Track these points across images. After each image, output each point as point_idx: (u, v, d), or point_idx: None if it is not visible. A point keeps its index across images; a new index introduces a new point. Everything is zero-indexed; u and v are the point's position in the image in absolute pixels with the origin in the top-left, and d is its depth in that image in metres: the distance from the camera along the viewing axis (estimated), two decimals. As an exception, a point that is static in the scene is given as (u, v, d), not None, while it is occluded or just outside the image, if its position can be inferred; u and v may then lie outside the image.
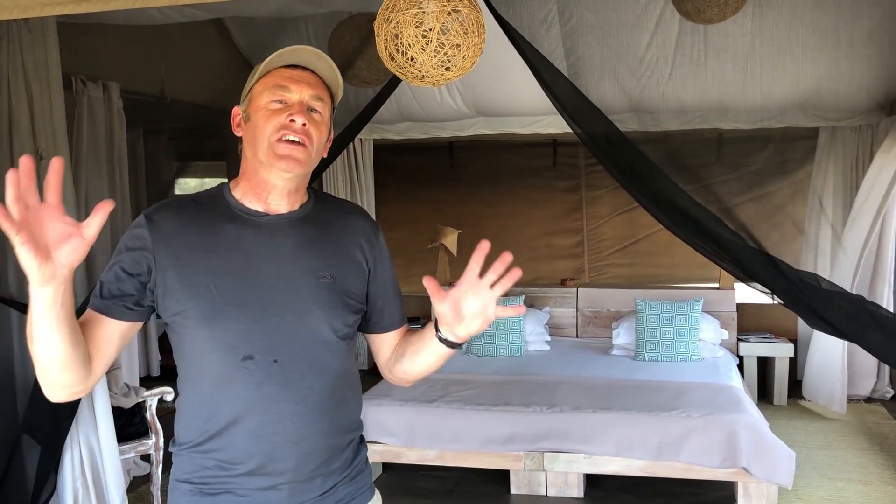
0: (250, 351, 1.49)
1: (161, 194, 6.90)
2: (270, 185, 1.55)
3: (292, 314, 1.53)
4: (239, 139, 1.60)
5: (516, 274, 1.47)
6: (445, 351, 1.58)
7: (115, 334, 1.50)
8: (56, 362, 1.37)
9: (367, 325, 1.70)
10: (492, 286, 1.48)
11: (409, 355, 1.66)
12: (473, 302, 1.49)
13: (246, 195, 1.57)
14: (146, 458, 4.10)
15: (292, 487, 1.53)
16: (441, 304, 1.49)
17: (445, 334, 1.53)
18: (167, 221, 1.52)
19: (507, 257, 1.47)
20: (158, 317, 1.55)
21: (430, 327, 1.58)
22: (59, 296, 1.29)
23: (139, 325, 1.55)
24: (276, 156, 1.50)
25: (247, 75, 1.63)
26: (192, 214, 1.55)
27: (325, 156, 1.62)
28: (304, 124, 1.51)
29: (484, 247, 1.47)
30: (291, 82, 1.53)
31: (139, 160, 6.28)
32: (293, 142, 1.50)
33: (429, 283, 1.46)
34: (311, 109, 1.54)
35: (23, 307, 3.29)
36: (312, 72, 1.57)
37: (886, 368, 5.85)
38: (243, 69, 5.58)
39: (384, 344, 1.73)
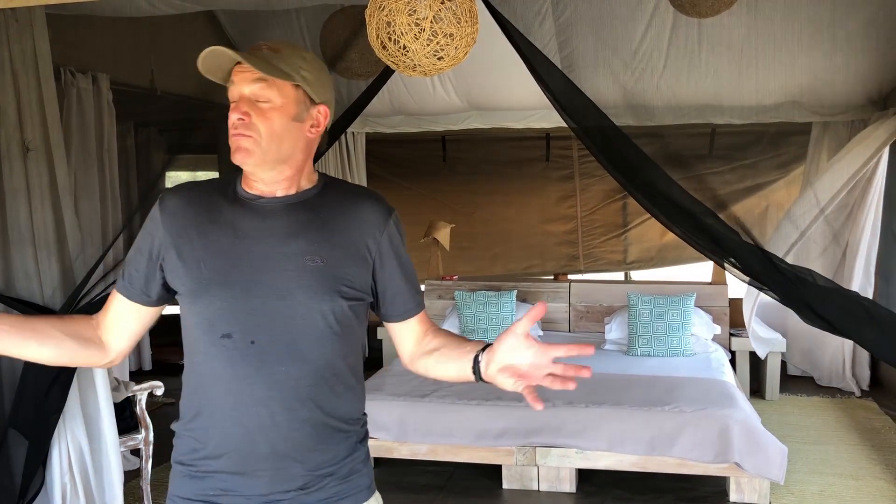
0: (229, 329, 1.52)
1: (151, 187, 6.85)
2: (248, 173, 1.60)
3: (275, 296, 1.53)
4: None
5: (582, 374, 1.47)
6: (468, 375, 1.56)
7: (133, 315, 1.63)
8: (47, 361, 1.60)
9: (382, 315, 1.68)
10: (549, 375, 1.46)
11: (439, 358, 1.64)
12: (528, 365, 1.47)
13: (245, 181, 1.62)
14: (136, 452, 4.07)
15: (270, 476, 1.53)
16: (507, 339, 1.47)
17: (482, 361, 1.52)
18: (175, 201, 1.61)
19: (584, 372, 1.48)
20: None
21: (473, 347, 1.56)
22: None
23: (158, 309, 1.66)
24: (232, 151, 1.55)
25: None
26: (199, 196, 1.62)
27: (311, 134, 1.59)
28: (240, 118, 1.53)
29: (540, 309, 1.47)
30: (235, 75, 1.57)
31: (129, 152, 6.23)
32: (238, 134, 1.54)
33: (539, 311, 1.45)
34: (258, 100, 1.54)
35: (9, 300, 3.25)
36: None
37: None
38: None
39: (404, 332, 1.70)
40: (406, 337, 1.70)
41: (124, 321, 1.64)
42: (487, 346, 1.53)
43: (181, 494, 1.59)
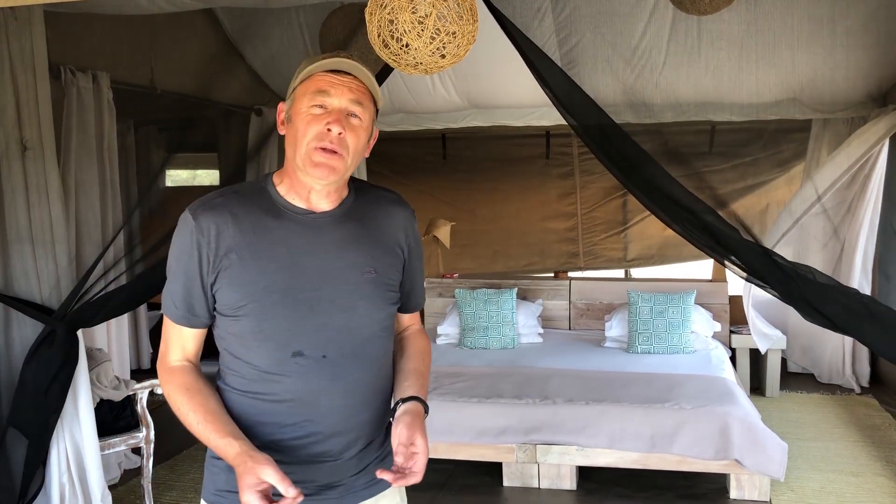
0: (300, 347, 1.56)
1: (151, 185, 6.85)
2: (309, 187, 1.60)
3: (339, 310, 1.58)
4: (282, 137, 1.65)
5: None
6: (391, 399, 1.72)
7: (200, 334, 1.64)
8: None
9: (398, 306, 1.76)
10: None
11: (395, 368, 1.76)
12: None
13: (289, 192, 1.62)
14: (137, 451, 4.08)
15: (332, 467, 1.61)
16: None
17: (399, 409, 1.63)
18: (213, 220, 1.56)
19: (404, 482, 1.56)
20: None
21: (408, 389, 1.68)
22: None
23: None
24: (312, 163, 1.54)
25: (237, 65, 1.64)
26: (237, 212, 1.58)
27: (367, 156, 1.66)
28: (340, 133, 1.54)
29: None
30: (332, 87, 1.56)
31: (129, 151, 6.23)
32: (328, 150, 1.53)
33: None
34: (350, 115, 1.57)
35: (8, 299, 3.25)
36: (354, 77, 1.60)
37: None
38: (233, 59, 5.53)
39: (397, 321, 1.80)
40: (396, 324, 1.80)
41: (198, 341, 1.65)
42: (412, 398, 1.65)
43: (234, 489, 1.55)
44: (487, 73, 5.46)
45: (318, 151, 1.53)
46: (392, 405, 1.69)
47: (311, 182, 1.58)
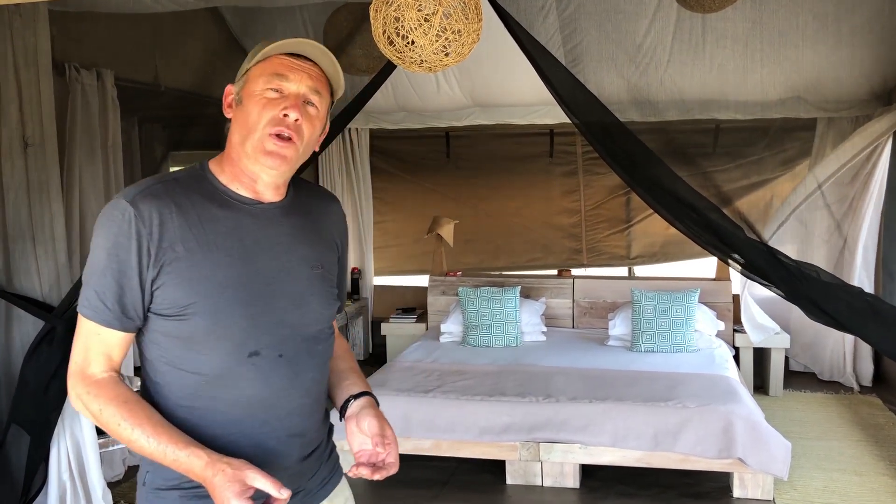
0: (256, 346, 1.45)
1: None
2: (256, 177, 1.49)
3: (293, 306, 1.50)
4: (228, 119, 1.53)
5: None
6: (335, 403, 1.67)
7: (126, 341, 1.45)
8: None
9: None
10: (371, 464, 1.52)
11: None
12: (368, 445, 1.55)
13: (233, 181, 1.50)
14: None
15: (290, 476, 1.51)
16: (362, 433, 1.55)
17: (352, 405, 1.60)
18: (158, 209, 1.40)
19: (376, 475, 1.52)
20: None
21: (353, 386, 1.64)
22: None
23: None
24: (263, 151, 1.44)
25: (242, 63, 1.59)
26: (181, 201, 1.44)
27: (316, 150, 1.57)
28: (297, 120, 1.45)
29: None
30: (291, 71, 1.47)
31: (133, 148, 6.24)
32: (283, 137, 1.44)
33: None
34: (307, 102, 1.48)
35: (9, 296, 3.26)
36: (315, 63, 1.50)
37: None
38: (239, 57, 5.52)
39: None
40: None
41: (123, 350, 1.46)
42: (362, 394, 1.62)
43: None
44: (491, 71, 5.46)
45: (271, 138, 1.43)
46: (340, 404, 1.61)
47: (259, 171, 1.47)
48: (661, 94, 5.37)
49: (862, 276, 5.68)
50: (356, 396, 1.60)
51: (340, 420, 1.62)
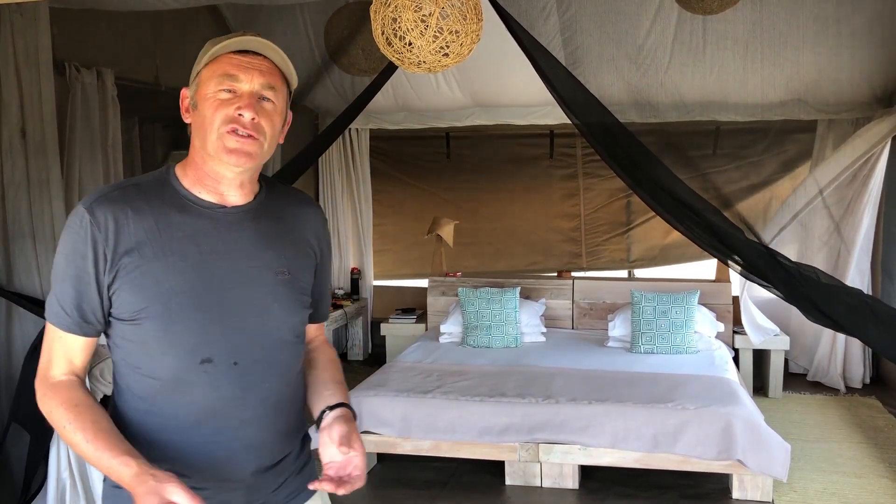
0: (209, 353, 1.42)
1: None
2: (220, 176, 1.47)
3: (252, 314, 1.46)
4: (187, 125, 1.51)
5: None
6: (312, 411, 1.60)
7: (89, 347, 1.47)
8: None
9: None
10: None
11: (308, 380, 1.64)
12: (338, 456, 1.48)
13: (195, 185, 1.48)
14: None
15: (248, 488, 1.50)
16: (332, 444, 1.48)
17: (326, 417, 1.53)
18: (111, 214, 1.40)
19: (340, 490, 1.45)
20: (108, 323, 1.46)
21: (332, 396, 1.58)
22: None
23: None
24: (225, 149, 1.42)
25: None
26: (139, 206, 1.43)
27: (280, 142, 1.53)
28: (253, 118, 1.42)
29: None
30: (241, 70, 1.43)
31: (134, 147, 6.24)
32: (240, 135, 1.41)
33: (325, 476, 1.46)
34: (262, 98, 1.45)
35: (9, 294, 3.26)
36: (265, 58, 1.47)
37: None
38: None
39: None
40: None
41: (86, 355, 1.48)
42: (338, 405, 1.55)
43: None
44: (492, 72, 5.46)
45: (230, 135, 1.40)
46: (317, 415, 1.56)
47: (224, 170, 1.44)
48: (662, 96, 5.38)
49: (861, 277, 5.68)
50: (332, 408, 1.54)
51: (316, 430, 1.57)
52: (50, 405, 1.41)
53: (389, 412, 4.22)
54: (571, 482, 4.12)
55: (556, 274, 6.55)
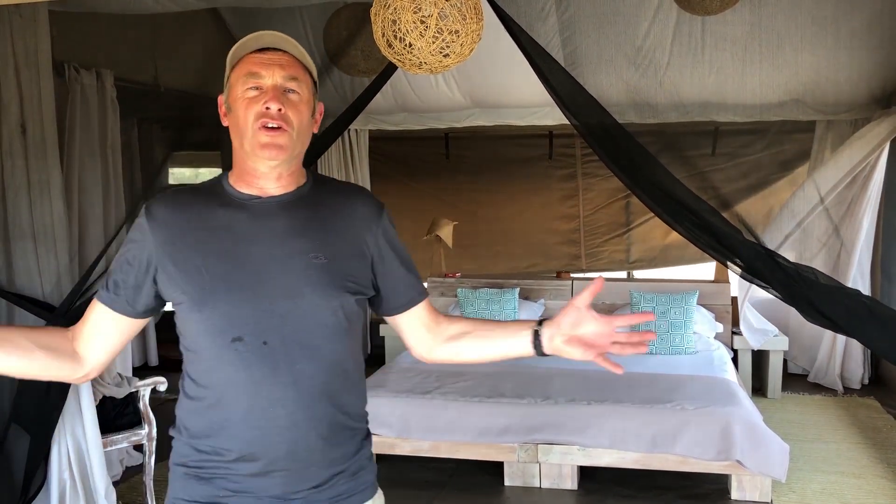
0: (239, 333, 1.49)
1: (154, 182, 6.86)
2: (258, 172, 1.56)
3: (283, 296, 1.51)
4: (226, 128, 1.60)
5: (647, 338, 1.59)
6: (521, 350, 1.65)
7: (115, 327, 1.58)
8: (15, 373, 1.53)
9: (387, 307, 1.68)
10: (616, 343, 1.57)
11: (474, 340, 1.67)
12: (593, 334, 1.57)
13: (239, 182, 1.59)
14: (139, 448, 4.08)
15: (286, 476, 1.51)
16: (570, 313, 1.55)
17: (543, 335, 1.60)
18: (163, 209, 1.56)
19: (649, 336, 1.59)
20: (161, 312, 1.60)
21: (523, 324, 1.63)
22: None
23: (141, 322, 1.61)
24: (259, 145, 1.50)
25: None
26: (188, 202, 1.58)
27: (315, 131, 1.62)
28: (279, 109, 1.50)
29: (599, 284, 1.54)
30: (262, 67, 1.52)
31: (133, 148, 6.24)
32: (273, 128, 1.50)
33: (597, 285, 1.53)
34: (287, 91, 1.53)
35: (10, 296, 3.26)
36: (285, 52, 1.55)
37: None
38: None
39: (413, 322, 1.70)
40: (416, 326, 1.70)
41: (105, 333, 1.58)
42: (542, 321, 1.61)
43: (185, 497, 1.54)
44: (491, 72, 5.46)
45: (262, 131, 1.50)
46: (529, 341, 1.62)
47: (260, 165, 1.54)
48: (661, 97, 5.38)
49: (859, 278, 5.69)
50: (539, 325, 1.61)
51: (537, 352, 1.64)
52: None
53: (388, 413, 4.22)
54: (570, 483, 4.12)
55: (555, 275, 6.55)
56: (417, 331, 1.70)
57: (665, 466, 4.01)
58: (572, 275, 6.69)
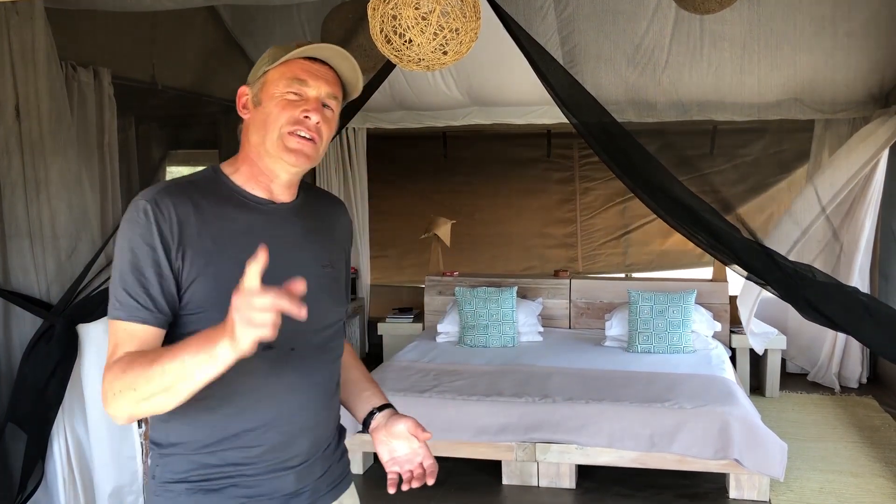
0: (269, 340, 1.42)
1: (151, 181, 6.85)
2: (274, 175, 1.54)
3: (305, 302, 1.47)
4: (241, 120, 1.57)
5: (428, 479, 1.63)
6: (357, 415, 1.75)
7: (152, 343, 1.41)
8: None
9: None
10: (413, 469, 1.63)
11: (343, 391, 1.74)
12: (404, 452, 1.66)
13: (248, 181, 1.55)
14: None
15: (299, 472, 1.55)
16: (401, 437, 1.64)
17: (375, 419, 1.69)
18: (175, 207, 1.43)
19: (429, 480, 1.63)
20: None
21: (373, 397, 1.73)
22: None
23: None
24: (285, 148, 1.49)
25: (238, 61, 1.61)
26: (198, 200, 1.47)
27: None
28: (318, 122, 1.50)
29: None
30: (311, 76, 1.51)
31: (130, 146, 6.23)
32: (304, 137, 1.49)
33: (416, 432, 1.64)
34: (324, 105, 1.54)
35: (6, 294, 3.25)
36: (331, 68, 1.56)
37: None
38: (236, 56, 5.52)
39: None
40: None
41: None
42: (385, 406, 1.71)
43: None
44: (489, 70, 5.46)
45: (292, 137, 1.48)
46: (362, 416, 1.70)
47: (280, 169, 1.51)
48: (659, 95, 5.38)
49: (858, 279, 5.69)
50: (379, 409, 1.69)
51: (364, 431, 1.70)
52: (115, 387, 1.34)
53: (386, 411, 4.21)
54: (568, 482, 4.12)
55: (553, 273, 6.55)
56: None
57: (663, 465, 4.01)
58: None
